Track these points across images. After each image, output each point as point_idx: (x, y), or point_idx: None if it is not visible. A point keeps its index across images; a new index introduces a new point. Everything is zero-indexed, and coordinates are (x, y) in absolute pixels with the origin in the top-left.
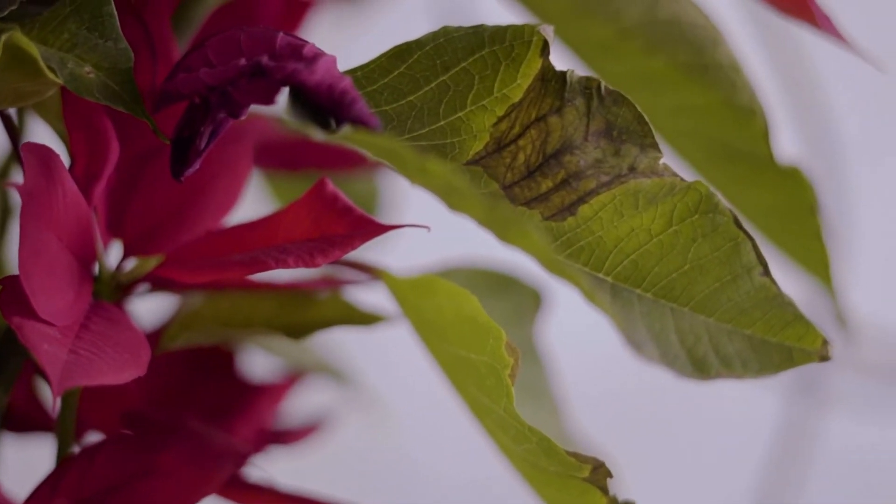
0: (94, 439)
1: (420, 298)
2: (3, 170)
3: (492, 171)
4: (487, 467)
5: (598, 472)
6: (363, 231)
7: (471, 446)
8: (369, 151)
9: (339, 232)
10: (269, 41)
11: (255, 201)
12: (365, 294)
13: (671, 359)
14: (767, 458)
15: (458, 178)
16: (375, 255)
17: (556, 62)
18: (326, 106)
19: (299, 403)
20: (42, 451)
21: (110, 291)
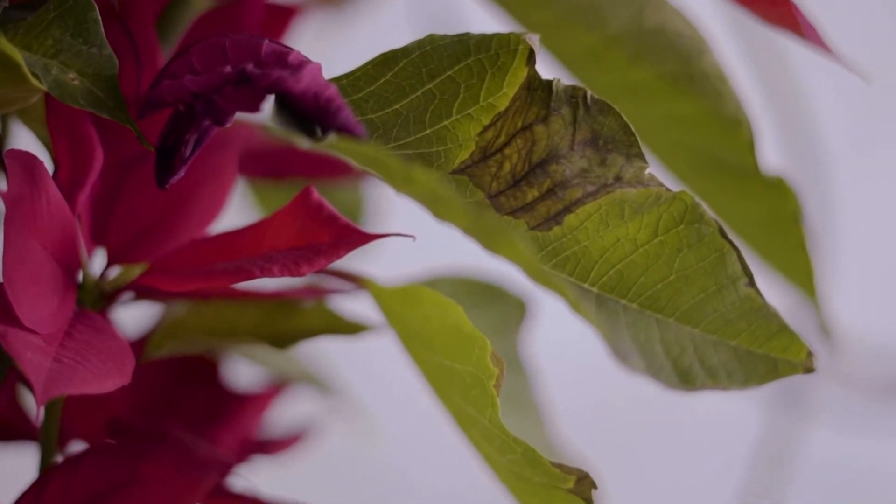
0: (77, 448)
1: (405, 308)
2: None
3: (477, 180)
4: (472, 476)
5: (583, 484)
6: (349, 240)
7: (455, 455)
8: (355, 160)
9: (325, 241)
10: (255, 48)
11: (238, 210)
12: (350, 303)
13: (656, 370)
14: (750, 469)
15: (444, 188)
16: (360, 264)
17: (542, 71)
18: (312, 114)
19: (284, 413)
20: (25, 459)
21: (94, 299)
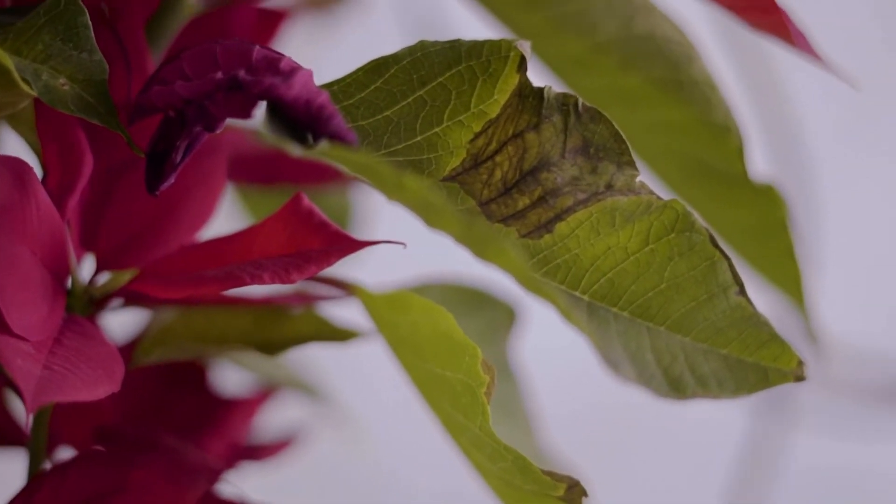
0: (66, 455)
1: (395, 315)
2: None
3: (468, 187)
4: (461, 480)
5: (573, 491)
6: (339, 247)
7: (445, 460)
8: (346, 167)
9: (315, 248)
10: (246, 55)
11: (227, 216)
12: (339, 310)
13: (647, 378)
14: (736, 474)
15: (435, 195)
16: (349, 271)
17: (533, 78)
18: (304, 121)
19: (272, 419)
20: (13, 466)
21: (83, 306)
